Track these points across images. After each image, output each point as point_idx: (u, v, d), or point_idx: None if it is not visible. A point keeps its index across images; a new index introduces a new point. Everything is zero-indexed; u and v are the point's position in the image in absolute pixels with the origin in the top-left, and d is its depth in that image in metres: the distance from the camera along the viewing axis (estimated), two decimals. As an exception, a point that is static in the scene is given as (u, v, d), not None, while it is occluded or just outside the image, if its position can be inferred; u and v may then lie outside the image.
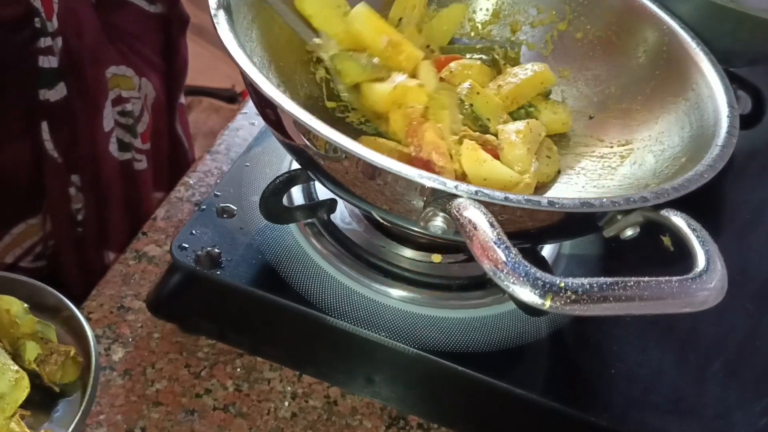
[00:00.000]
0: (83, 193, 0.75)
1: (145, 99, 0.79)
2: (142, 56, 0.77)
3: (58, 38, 0.65)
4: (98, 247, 0.79)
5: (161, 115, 0.83)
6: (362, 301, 0.52)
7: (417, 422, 0.53)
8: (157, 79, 0.80)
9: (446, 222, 0.40)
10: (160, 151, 0.85)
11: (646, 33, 0.60)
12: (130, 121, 0.77)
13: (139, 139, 0.79)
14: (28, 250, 0.75)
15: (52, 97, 0.67)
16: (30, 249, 0.75)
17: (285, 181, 0.53)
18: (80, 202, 0.75)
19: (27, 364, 0.45)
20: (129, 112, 0.76)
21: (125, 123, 0.77)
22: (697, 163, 0.46)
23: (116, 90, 0.74)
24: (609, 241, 0.47)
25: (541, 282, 0.35)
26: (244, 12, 0.52)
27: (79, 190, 0.75)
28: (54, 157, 0.70)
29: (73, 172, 0.73)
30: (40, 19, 0.63)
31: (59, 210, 0.74)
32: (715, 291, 0.38)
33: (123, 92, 0.75)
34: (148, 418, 0.50)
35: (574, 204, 0.41)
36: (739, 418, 0.52)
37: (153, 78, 0.79)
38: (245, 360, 0.54)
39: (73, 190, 0.74)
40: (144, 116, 0.79)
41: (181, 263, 0.52)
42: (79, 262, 0.78)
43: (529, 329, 0.53)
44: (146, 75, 0.78)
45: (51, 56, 0.65)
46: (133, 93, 0.76)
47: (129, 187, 0.80)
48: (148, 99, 0.80)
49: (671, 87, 0.57)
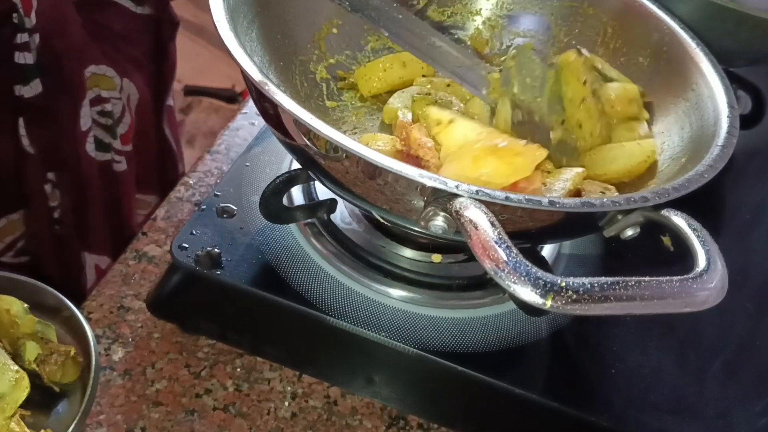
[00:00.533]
0: (60, 191, 0.75)
1: (127, 100, 0.79)
2: (127, 56, 0.77)
3: (36, 35, 0.65)
4: (77, 246, 0.79)
5: (147, 116, 0.83)
6: (362, 301, 0.52)
7: (417, 422, 0.53)
8: (142, 81, 0.80)
9: (447, 222, 0.40)
10: (147, 152, 0.85)
11: (645, 33, 0.60)
12: (109, 122, 0.77)
13: (119, 140, 0.78)
14: (9, 245, 0.75)
15: (27, 93, 0.67)
16: (11, 244, 0.75)
17: (285, 181, 0.52)
18: (56, 200, 0.75)
19: (27, 364, 0.45)
20: (108, 113, 0.76)
21: (104, 123, 0.76)
22: (697, 163, 0.46)
23: (95, 90, 0.74)
24: (609, 241, 0.47)
25: (542, 282, 0.35)
26: (244, 12, 0.52)
27: (55, 187, 0.74)
28: (30, 153, 0.70)
29: (49, 169, 0.73)
30: (18, 15, 0.63)
31: (37, 206, 0.74)
32: (715, 291, 0.38)
33: (103, 92, 0.75)
34: (148, 418, 0.50)
35: (574, 204, 0.41)
36: (739, 418, 0.52)
37: (138, 79, 0.79)
38: (245, 360, 0.54)
39: (49, 187, 0.74)
40: (125, 117, 0.79)
41: (181, 263, 0.52)
42: (58, 260, 0.78)
43: (529, 329, 0.53)
44: (129, 76, 0.77)
45: (27, 52, 0.65)
46: (113, 93, 0.76)
47: (108, 188, 0.79)
48: (131, 100, 0.79)
49: (671, 87, 0.57)
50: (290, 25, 0.59)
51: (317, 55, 0.61)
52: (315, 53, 0.61)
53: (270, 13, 0.56)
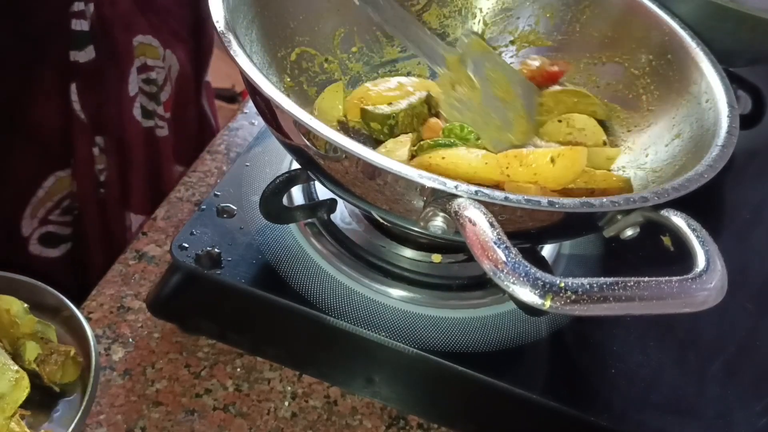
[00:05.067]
0: (106, 155, 0.79)
1: (168, 70, 0.82)
2: (170, 29, 0.80)
3: (91, 4, 0.69)
4: (120, 208, 0.83)
5: (187, 89, 0.87)
6: (362, 301, 0.52)
7: (417, 422, 0.53)
8: (183, 54, 0.83)
9: (446, 222, 0.40)
10: (187, 124, 0.89)
11: (646, 33, 0.60)
12: (154, 89, 0.80)
13: (162, 106, 0.82)
14: (57, 203, 0.78)
15: (81, 58, 0.71)
16: (59, 202, 0.79)
17: (285, 181, 0.53)
18: (103, 163, 0.79)
19: (27, 364, 0.45)
20: (153, 80, 0.80)
21: (149, 91, 0.80)
22: (697, 163, 0.46)
23: (142, 58, 0.78)
24: (609, 241, 0.47)
25: (541, 282, 0.35)
26: (244, 12, 0.52)
27: (102, 152, 0.78)
28: (81, 118, 0.74)
29: (98, 133, 0.77)
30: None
31: (84, 169, 0.78)
32: (715, 291, 0.38)
33: (148, 60, 0.79)
34: (148, 418, 0.50)
35: (574, 204, 0.41)
36: (739, 418, 0.52)
37: (179, 52, 0.82)
38: (245, 360, 0.54)
39: (97, 151, 0.78)
40: (167, 86, 0.83)
41: (181, 263, 0.52)
42: (101, 222, 0.82)
43: (529, 329, 0.53)
44: (171, 47, 0.81)
45: (83, 20, 0.69)
46: (158, 62, 0.80)
47: (150, 153, 0.83)
48: (171, 71, 0.83)
49: (671, 87, 0.57)
50: (290, 26, 0.59)
51: (317, 55, 0.61)
52: (315, 54, 0.61)
53: (270, 13, 0.56)
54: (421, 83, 0.60)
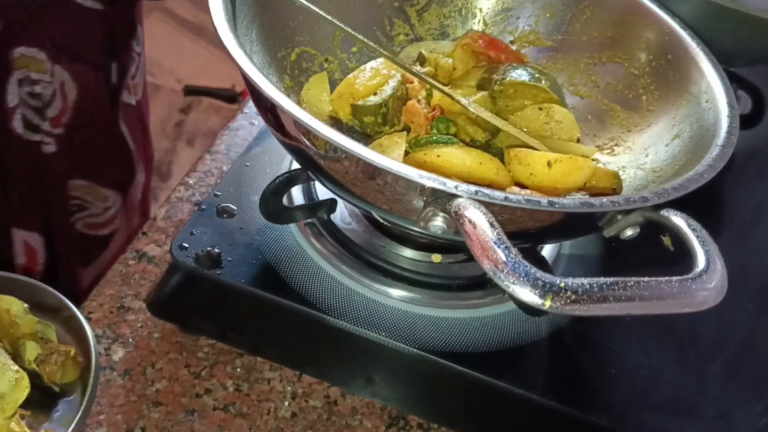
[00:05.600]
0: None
1: (62, 86, 0.79)
2: (60, 45, 0.77)
3: None
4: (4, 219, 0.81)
5: (95, 110, 0.83)
6: (362, 301, 0.52)
7: (417, 422, 0.53)
8: (86, 74, 0.80)
9: (446, 222, 0.40)
10: (94, 145, 0.85)
11: (646, 33, 0.60)
12: (39, 104, 0.78)
13: (49, 122, 0.80)
14: None
15: None
16: None
17: (285, 181, 0.53)
18: None
19: (27, 364, 0.45)
20: (38, 95, 0.77)
21: (34, 104, 0.78)
22: (697, 163, 0.46)
23: (24, 71, 0.75)
24: (609, 241, 0.47)
25: (541, 282, 0.35)
26: (244, 12, 0.52)
27: None
28: None
29: None
30: None
31: None
32: (715, 291, 0.38)
33: (32, 74, 0.76)
34: (148, 418, 0.50)
35: (574, 204, 0.41)
36: (739, 418, 0.52)
37: (77, 70, 0.79)
38: (245, 360, 0.54)
39: None
40: (56, 101, 0.80)
41: (181, 263, 0.52)
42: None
43: (529, 329, 0.53)
44: (63, 64, 0.78)
45: None
46: (43, 76, 0.77)
47: (35, 168, 0.80)
48: (65, 87, 0.80)
49: (671, 87, 0.57)
50: (290, 26, 0.59)
51: (317, 55, 0.61)
52: (315, 54, 0.61)
53: (270, 13, 0.56)
54: (387, 63, 0.59)
